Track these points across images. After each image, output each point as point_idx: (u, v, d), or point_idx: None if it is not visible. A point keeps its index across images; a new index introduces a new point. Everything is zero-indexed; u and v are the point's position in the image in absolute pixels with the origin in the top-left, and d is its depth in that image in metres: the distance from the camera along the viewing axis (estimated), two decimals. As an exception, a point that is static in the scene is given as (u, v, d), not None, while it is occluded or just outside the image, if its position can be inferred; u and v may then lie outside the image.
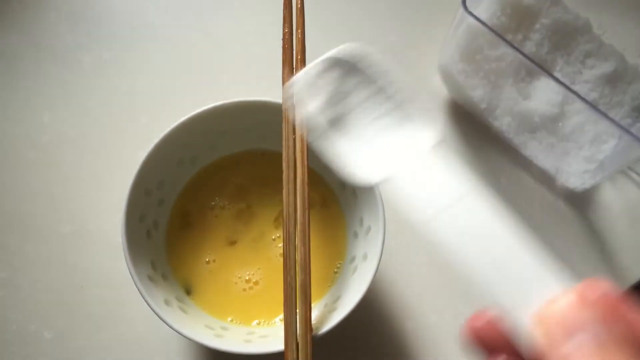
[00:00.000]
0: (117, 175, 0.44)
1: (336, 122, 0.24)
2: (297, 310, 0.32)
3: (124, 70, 0.47)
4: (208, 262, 0.37)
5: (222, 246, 0.38)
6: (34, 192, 0.43)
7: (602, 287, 0.18)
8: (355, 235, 0.37)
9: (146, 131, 0.45)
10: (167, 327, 0.32)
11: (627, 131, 0.36)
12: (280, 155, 0.33)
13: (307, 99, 0.24)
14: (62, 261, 0.41)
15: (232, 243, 0.38)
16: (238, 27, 0.48)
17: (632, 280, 0.43)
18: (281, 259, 0.32)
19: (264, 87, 0.46)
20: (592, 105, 0.37)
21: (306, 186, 0.33)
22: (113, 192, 0.43)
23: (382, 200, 0.34)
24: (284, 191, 0.33)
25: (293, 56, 0.36)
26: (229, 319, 0.36)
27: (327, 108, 0.24)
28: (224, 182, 0.40)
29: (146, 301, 0.32)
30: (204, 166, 0.40)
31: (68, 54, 0.47)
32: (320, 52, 0.50)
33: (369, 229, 0.36)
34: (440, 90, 0.47)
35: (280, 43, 0.35)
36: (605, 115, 0.36)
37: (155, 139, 0.35)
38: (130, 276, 0.32)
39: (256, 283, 0.37)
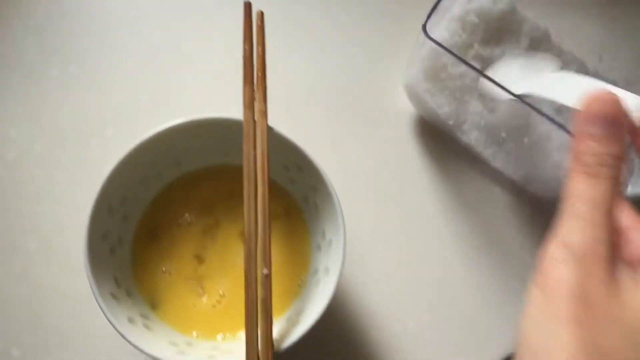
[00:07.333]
0: (83, 189, 0.43)
1: None
2: (259, 327, 0.32)
3: (91, 83, 0.47)
4: (170, 273, 0.38)
5: (189, 262, 0.38)
6: (1, 207, 0.43)
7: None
8: (319, 247, 0.38)
9: (112, 144, 0.45)
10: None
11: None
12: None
13: None
14: (29, 277, 0.41)
15: (201, 262, 0.39)
16: (204, 43, 0.48)
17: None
18: (246, 273, 0.33)
19: (230, 101, 0.46)
20: (550, 118, 0.37)
21: (267, 202, 0.34)
22: (79, 207, 0.43)
23: (342, 214, 0.35)
24: (245, 208, 0.34)
25: (254, 73, 0.36)
26: (194, 333, 0.37)
27: None
28: (190, 197, 0.40)
29: (109, 320, 0.32)
30: (169, 181, 0.40)
31: (35, 68, 0.47)
32: (282, 67, 0.50)
33: (330, 242, 0.36)
34: (406, 106, 0.47)
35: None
36: (562, 126, 0.37)
37: (120, 154, 0.35)
38: (94, 294, 0.33)
39: (222, 296, 0.38)
